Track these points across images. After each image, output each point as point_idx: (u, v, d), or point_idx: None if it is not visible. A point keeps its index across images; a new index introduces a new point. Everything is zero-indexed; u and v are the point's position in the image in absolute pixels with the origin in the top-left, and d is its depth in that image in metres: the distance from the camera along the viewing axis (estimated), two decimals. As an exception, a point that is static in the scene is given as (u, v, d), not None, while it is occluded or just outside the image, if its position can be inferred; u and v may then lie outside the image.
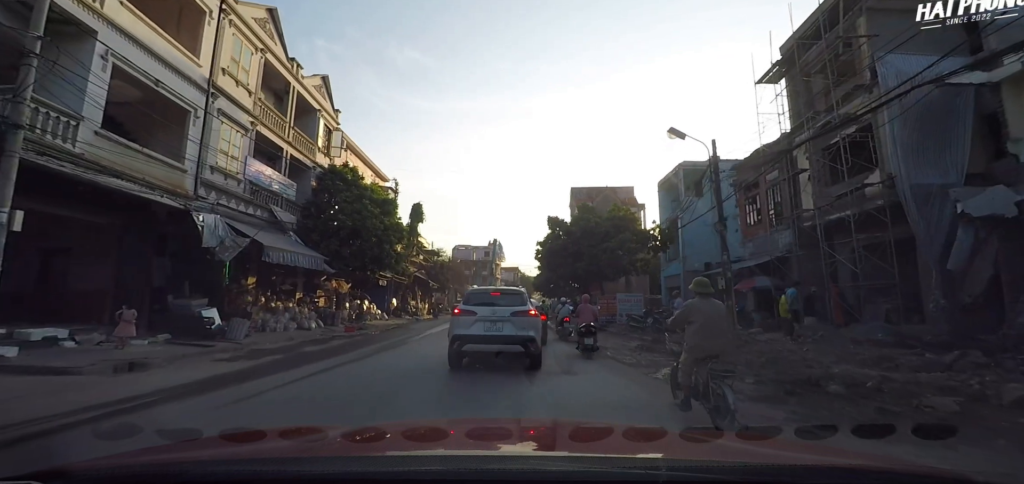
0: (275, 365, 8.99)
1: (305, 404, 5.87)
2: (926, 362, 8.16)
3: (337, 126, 22.67)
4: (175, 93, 11.89)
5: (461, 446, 1.55)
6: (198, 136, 12.71)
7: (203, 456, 1.29)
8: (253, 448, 1.43)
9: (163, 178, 11.53)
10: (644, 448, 1.54)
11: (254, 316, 14.48)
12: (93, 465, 1.10)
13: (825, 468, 1.15)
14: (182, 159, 12.18)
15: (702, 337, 4.71)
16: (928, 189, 12.52)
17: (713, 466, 1.15)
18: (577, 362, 9.58)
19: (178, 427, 3.40)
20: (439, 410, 5.61)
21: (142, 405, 5.54)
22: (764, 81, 19.32)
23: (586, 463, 1.21)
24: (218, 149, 13.57)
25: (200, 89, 12.83)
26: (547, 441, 1.72)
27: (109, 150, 10.07)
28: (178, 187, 11.97)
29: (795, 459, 1.28)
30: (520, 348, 7.77)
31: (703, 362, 4.69)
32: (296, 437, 1.55)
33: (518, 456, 1.38)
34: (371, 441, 1.56)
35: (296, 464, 1.10)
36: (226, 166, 14.06)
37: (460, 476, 1.03)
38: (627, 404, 6.01)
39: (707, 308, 4.86)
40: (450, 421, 2.75)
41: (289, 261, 14.07)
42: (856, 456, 1.23)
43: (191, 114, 12.49)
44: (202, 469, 1.08)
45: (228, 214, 13.76)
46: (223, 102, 13.75)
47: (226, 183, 14.07)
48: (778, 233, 20.13)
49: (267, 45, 16.01)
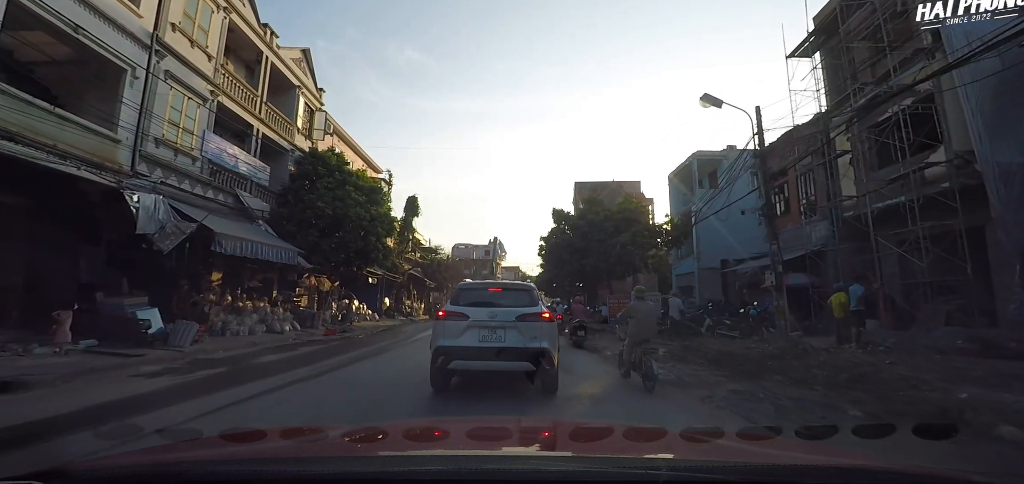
0: (205, 384, 6.86)
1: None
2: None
3: (320, 106, 20.50)
4: (104, 45, 9.73)
5: (461, 446, 1.53)
6: (138, 101, 10.55)
7: (203, 456, 1.28)
8: (253, 448, 1.43)
9: (89, 149, 9.38)
10: (644, 448, 1.51)
11: (212, 317, 12.34)
12: (93, 465, 1.10)
13: (825, 468, 1.15)
14: (115, 127, 10.02)
15: (639, 328, 6.70)
16: (1009, 168, 10.51)
17: (713, 466, 1.14)
18: (566, 351, 10.10)
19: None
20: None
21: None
22: (797, 55, 17.18)
23: (586, 463, 1.21)
24: (166, 119, 11.41)
25: (140, 45, 10.69)
26: (547, 441, 1.67)
27: (5, 108, 7.92)
28: (108, 160, 9.82)
29: (795, 459, 1.27)
30: (529, 365, 5.52)
31: (639, 344, 6.56)
32: (296, 437, 1.57)
33: (518, 456, 1.36)
34: (371, 441, 1.55)
35: (296, 464, 1.09)
36: (177, 140, 11.90)
37: (460, 476, 1.02)
38: (589, 374, 8.24)
39: (643, 308, 7.01)
40: (450, 421, 2.74)
41: (250, 252, 11.93)
42: (856, 456, 1.21)
43: (127, 73, 10.34)
44: (202, 469, 1.07)
45: (178, 196, 11.63)
46: (172, 63, 11.59)
47: (177, 160, 11.92)
48: (811, 225, 18.01)
49: (231, 3, 13.84)
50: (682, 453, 1.44)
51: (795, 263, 17.67)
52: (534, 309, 5.79)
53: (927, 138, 12.71)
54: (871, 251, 13.77)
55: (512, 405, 5.44)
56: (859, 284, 11.81)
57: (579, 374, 8.10)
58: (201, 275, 13.48)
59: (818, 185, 17.59)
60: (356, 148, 26.24)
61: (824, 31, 16.25)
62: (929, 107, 12.65)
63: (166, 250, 9.76)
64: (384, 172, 29.69)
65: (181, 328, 10.15)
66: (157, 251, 9.84)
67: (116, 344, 9.16)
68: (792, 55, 17.21)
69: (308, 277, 19.45)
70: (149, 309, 10.05)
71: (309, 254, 15.58)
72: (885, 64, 13.84)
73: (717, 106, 11.46)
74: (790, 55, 17.28)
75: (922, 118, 12.79)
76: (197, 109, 12.63)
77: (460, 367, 5.72)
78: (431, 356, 5.73)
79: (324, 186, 16.44)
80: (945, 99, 12.38)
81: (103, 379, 6.79)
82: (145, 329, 9.56)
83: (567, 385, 6.56)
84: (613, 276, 23.88)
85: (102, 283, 10.27)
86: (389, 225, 19.26)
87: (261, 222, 14.68)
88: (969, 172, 11.52)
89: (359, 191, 17.33)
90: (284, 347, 11.28)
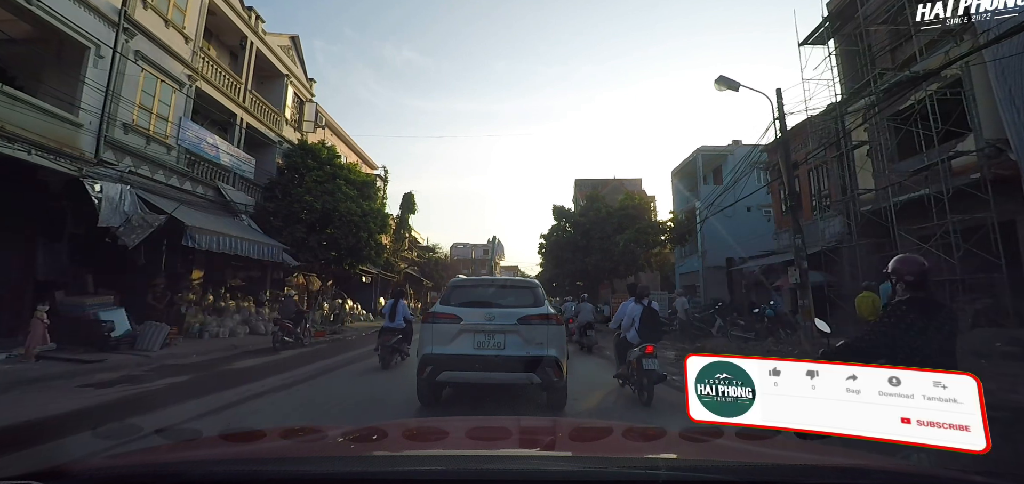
0: (165, 395, 6.01)
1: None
2: None
3: (310, 97, 19.60)
4: (64, 19, 8.84)
5: (461, 446, 1.51)
6: (103, 83, 9.65)
7: (203, 456, 1.27)
8: (253, 448, 1.42)
9: (44, 132, 8.49)
10: (644, 448, 1.52)
11: (189, 319, 11.46)
12: (93, 465, 1.09)
13: (825, 468, 1.15)
14: (77, 111, 9.12)
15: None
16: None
17: (713, 466, 1.14)
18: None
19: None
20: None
21: None
22: (810, 42, 16.35)
23: (586, 463, 1.21)
24: (136, 103, 10.52)
25: (107, 21, 9.79)
26: (547, 441, 1.62)
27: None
28: (68, 145, 8.92)
29: (795, 459, 1.26)
30: (532, 377, 4.63)
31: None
32: (296, 437, 1.56)
33: (518, 456, 1.35)
34: (371, 441, 1.53)
35: (296, 464, 1.09)
36: (149, 126, 11.01)
37: (460, 476, 1.01)
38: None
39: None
40: (449, 421, 2.65)
41: (229, 248, 11.03)
42: (856, 456, 1.20)
43: (91, 52, 9.44)
44: (202, 469, 1.06)
45: (150, 187, 10.75)
46: (143, 43, 10.69)
47: (149, 149, 11.02)
48: (824, 221, 17.19)
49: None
50: (682, 453, 1.44)
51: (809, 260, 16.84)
52: (539, 310, 4.91)
53: (954, 126, 11.90)
54: (891, 248, 12.94)
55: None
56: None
57: (579, 376, 7.27)
58: (180, 273, 12.60)
59: (833, 179, 16.77)
60: (350, 142, 25.34)
61: (839, 16, 15.44)
62: (957, 92, 11.85)
63: (132, 244, 8.88)
64: (379, 168, 28.81)
65: (150, 330, 9.28)
66: (123, 246, 8.95)
67: (75, 348, 8.31)
68: (805, 42, 16.35)
69: (297, 276, 18.56)
70: (114, 309, 9.18)
71: (296, 251, 14.70)
72: (906, 49, 13.03)
73: (734, 89, 10.62)
74: (803, 42, 16.41)
75: (948, 105, 11.99)
76: (172, 94, 11.73)
77: (451, 380, 4.85)
78: (418, 365, 4.87)
79: (313, 179, 15.55)
80: (975, 84, 11.59)
81: (40, 395, 5.87)
82: (108, 331, 8.69)
83: (578, 397, 5.72)
84: (615, 275, 23.08)
85: (62, 281, 9.39)
86: (382, 221, 18.36)
87: (244, 217, 13.79)
88: (1001, 162, 10.74)
89: (350, 185, 16.44)
90: (264, 351, 10.41)
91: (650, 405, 5.45)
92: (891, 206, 12.80)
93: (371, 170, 25.79)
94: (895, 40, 13.76)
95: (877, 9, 13.96)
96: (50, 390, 6.04)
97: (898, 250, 12.63)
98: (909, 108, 12.60)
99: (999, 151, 10.86)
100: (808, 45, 16.44)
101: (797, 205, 10.46)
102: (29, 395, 5.77)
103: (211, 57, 13.41)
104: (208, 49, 13.62)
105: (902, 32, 13.06)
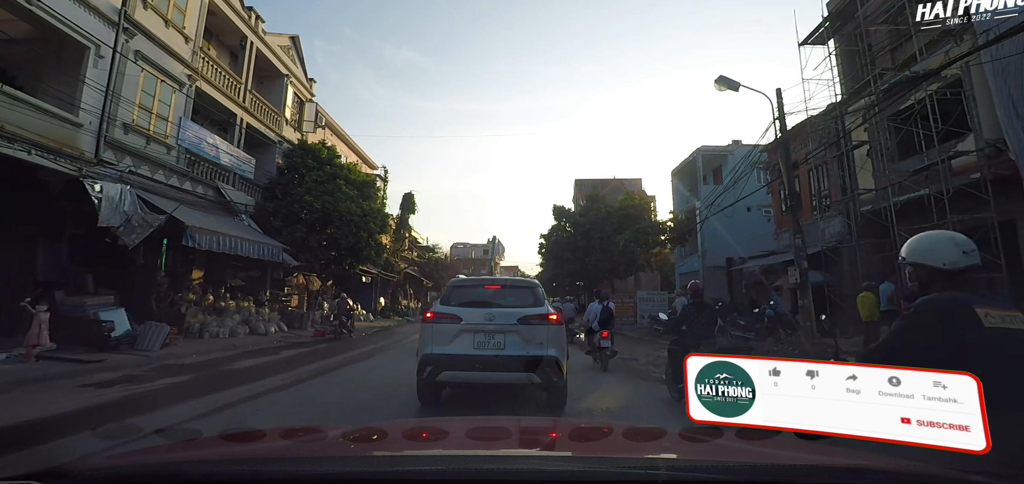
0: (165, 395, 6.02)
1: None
2: None
3: (310, 97, 19.60)
4: (64, 19, 8.85)
5: (461, 446, 1.51)
6: (103, 83, 9.66)
7: (203, 456, 1.26)
8: (253, 448, 1.42)
9: (44, 133, 8.49)
10: (644, 448, 1.51)
11: (189, 318, 11.46)
12: (93, 465, 1.08)
13: (825, 468, 1.15)
14: (77, 111, 9.12)
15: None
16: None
17: (713, 466, 1.14)
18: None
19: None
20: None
21: None
22: (810, 42, 16.35)
23: (586, 463, 1.21)
24: (136, 103, 10.52)
25: (107, 21, 9.80)
26: (547, 441, 1.62)
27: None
28: (68, 145, 8.92)
29: (795, 459, 1.25)
30: (532, 377, 4.66)
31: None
32: (296, 437, 1.56)
33: (518, 456, 1.34)
34: (371, 441, 1.53)
35: (296, 464, 1.09)
36: (149, 126, 11.01)
37: (460, 476, 1.01)
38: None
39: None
40: (449, 421, 2.66)
41: (228, 248, 11.04)
42: (856, 456, 1.18)
43: (91, 52, 9.45)
44: (202, 469, 1.05)
45: (150, 187, 10.76)
46: (143, 43, 10.70)
47: (149, 149, 11.02)
48: (824, 221, 17.19)
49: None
50: (682, 453, 1.44)
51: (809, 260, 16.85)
52: (539, 310, 4.92)
53: (954, 126, 11.92)
54: (891, 247, 12.96)
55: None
56: (889, 282, 10.99)
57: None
58: (181, 273, 12.62)
59: (833, 179, 16.78)
60: (350, 142, 25.35)
61: (839, 16, 15.45)
62: (957, 92, 11.86)
63: (132, 244, 8.88)
64: (379, 168, 28.82)
65: (150, 330, 9.28)
66: (123, 246, 8.95)
67: (75, 348, 8.31)
68: (805, 42, 16.35)
69: (297, 276, 18.56)
70: (114, 309, 9.18)
71: (296, 251, 14.70)
72: (906, 49, 13.04)
73: (734, 89, 10.63)
74: (803, 42, 16.41)
75: (948, 105, 12.00)
76: (172, 94, 11.74)
77: (451, 380, 4.86)
78: (418, 365, 4.87)
79: (313, 179, 15.56)
80: (975, 84, 11.61)
81: (44, 390, 5.90)
82: (108, 331, 8.69)
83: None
84: (615, 275, 23.08)
85: (63, 281, 9.39)
86: (382, 221, 18.37)
87: (244, 217, 13.79)
88: (1001, 162, 10.75)
89: (350, 185, 16.45)
90: (264, 351, 10.42)
91: (606, 370, 7.77)
92: (891, 206, 12.80)
93: (371, 170, 25.81)
94: (895, 40, 13.76)
95: (877, 9, 13.96)
96: (50, 390, 6.04)
97: (898, 250, 12.67)
98: (909, 108, 12.61)
99: (999, 151, 10.88)
100: (808, 45, 16.45)
101: (797, 205, 10.43)
102: (29, 395, 5.77)
103: (211, 57, 13.41)
104: (208, 49, 13.62)
105: (902, 32, 13.07)
